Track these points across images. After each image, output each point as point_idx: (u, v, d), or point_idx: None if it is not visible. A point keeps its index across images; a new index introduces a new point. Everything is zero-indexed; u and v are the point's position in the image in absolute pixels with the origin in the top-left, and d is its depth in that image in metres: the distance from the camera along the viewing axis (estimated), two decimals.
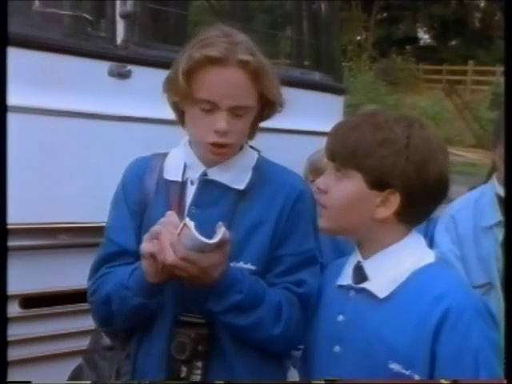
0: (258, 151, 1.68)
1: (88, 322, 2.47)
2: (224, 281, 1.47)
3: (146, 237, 1.46)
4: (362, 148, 1.42)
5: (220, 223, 1.42)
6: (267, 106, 1.60)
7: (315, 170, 2.69)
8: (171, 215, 1.46)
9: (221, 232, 1.41)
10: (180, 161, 1.63)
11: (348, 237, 1.55)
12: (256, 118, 1.61)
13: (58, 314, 2.54)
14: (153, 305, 1.52)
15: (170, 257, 1.41)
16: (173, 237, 1.41)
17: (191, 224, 1.40)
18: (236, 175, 1.60)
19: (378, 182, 1.43)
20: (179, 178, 1.60)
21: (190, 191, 1.60)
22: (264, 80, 1.54)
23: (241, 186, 1.59)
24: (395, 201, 1.43)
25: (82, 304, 2.53)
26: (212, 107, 1.51)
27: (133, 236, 1.55)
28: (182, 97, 1.56)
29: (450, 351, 1.34)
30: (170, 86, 1.59)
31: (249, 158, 1.64)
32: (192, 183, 1.60)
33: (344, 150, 1.45)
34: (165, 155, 1.67)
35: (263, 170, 1.63)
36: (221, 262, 1.45)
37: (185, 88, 1.53)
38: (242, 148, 1.64)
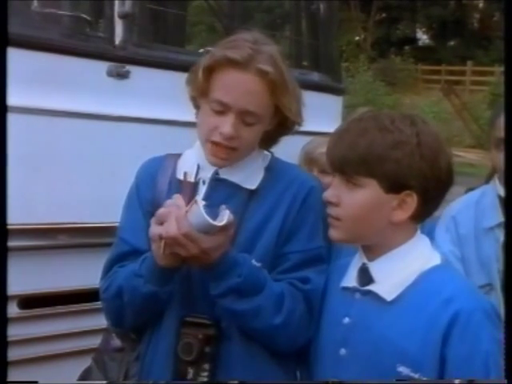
0: (271, 152, 1.68)
1: (87, 323, 2.49)
2: (223, 263, 1.46)
3: (153, 220, 1.47)
4: (374, 154, 1.39)
5: (223, 206, 1.43)
6: (283, 120, 1.59)
7: (309, 161, 2.68)
8: (178, 198, 1.47)
9: (226, 215, 1.41)
10: (193, 161, 1.63)
11: (360, 244, 1.51)
12: (273, 130, 1.61)
13: (57, 314, 2.54)
14: (163, 294, 1.52)
15: (172, 229, 1.41)
16: (180, 212, 1.42)
17: (201, 202, 1.41)
18: (248, 175, 1.60)
19: (395, 186, 1.41)
20: (192, 178, 1.60)
21: (202, 191, 1.60)
22: (281, 94, 1.53)
23: (252, 186, 1.60)
24: (412, 202, 1.41)
25: (81, 304, 2.55)
26: (223, 109, 1.52)
27: (145, 236, 1.54)
28: (200, 93, 1.58)
29: (460, 354, 1.34)
30: (191, 80, 1.60)
31: (261, 159, 1.64)
32: (204, 183, 1.61)
33: (354, 158, 1.41)
34: (178, 156, 1.68)
35: (275, 170, 1.63)
36: (222, 245, 1.45)
37: (203, 84, 1.55)
38: (254, 150, 1.63)
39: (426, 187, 1.41)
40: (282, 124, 1.61)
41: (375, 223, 1.44)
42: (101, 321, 1.74)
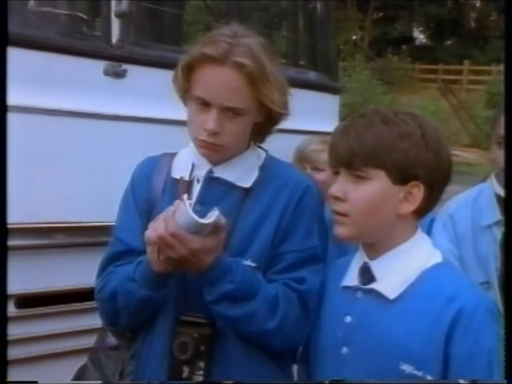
0: (266, 151, 1.67)
1: (85, 322, 2.48)
2: (216, 269, 1.46)
3: (150, 224, 1.47)
4: (382, 145, 1.41)
5: (214, 208, 1.42)
6: (268, 111, 1.58)
7: (302, 158, 2.70)
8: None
9: (214, 215, 1.40)
10: (188, 160, 1.63)
11: (366, 241, 1.50)
12: (263, 122, 1.60)
13: (54, 313, 2.53)
14: (158, 298, 1.52)
15: (160, 230, 1.41)
16: (168, 213, 1.42)
17: (187, 202, 1.41)
18: (242, 173, 1.60)
19: (403, 176, 1.42)
20: (186, 177, 1.60)
21: (196, 189, 1.60)
22: (262, 86, 1.51)
23: (247, 184, 1.59)
24: (419, 193, 1.43)
25: (78, 304, 2.54)
26: (205, 105, 1.52)
27: (140, 235, 1.54)
28: (183, 91, 1.58)
29: (464, 352, 1.34)
30: (175, 80, 1.60)
31: (255, 157, 1.63)
32: (198, 181, 1.60)
33: (363, 151, 1.41)
34: (174, 155, 1.67)
35: (270, 169, 1.63)
36: (213, 249, 1.44)
37: (184, 83, 1.55)
38: (248, 147, 1.63)
39: (432, 178, 1.43)
40: (270, 116, 1.60)
41: (383, 217, 1.44)
42: (99, 320, 1.73)
